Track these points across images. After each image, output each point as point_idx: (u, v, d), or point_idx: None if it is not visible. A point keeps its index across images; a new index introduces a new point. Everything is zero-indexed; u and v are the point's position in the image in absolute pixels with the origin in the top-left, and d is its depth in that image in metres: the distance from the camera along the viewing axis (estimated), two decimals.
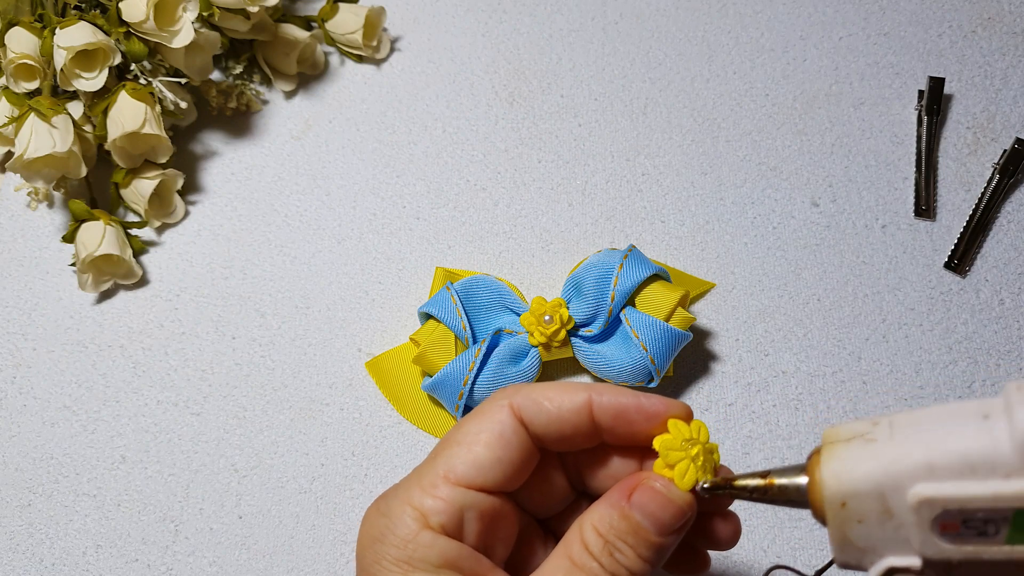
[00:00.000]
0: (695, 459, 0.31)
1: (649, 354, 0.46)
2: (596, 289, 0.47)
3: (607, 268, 0.47)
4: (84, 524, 0.49)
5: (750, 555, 0.47)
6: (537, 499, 0.35)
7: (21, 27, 0.51)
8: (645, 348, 0.46)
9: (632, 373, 0.47)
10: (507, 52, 0.59)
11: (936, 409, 0.26)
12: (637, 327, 0.46)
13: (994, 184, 0.54)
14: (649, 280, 0.47)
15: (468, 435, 0.32)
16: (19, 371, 0.52)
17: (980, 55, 0.58)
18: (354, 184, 0.56)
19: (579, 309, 0.47)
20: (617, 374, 0.47)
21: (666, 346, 0.46)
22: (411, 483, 0.32)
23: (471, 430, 0.32)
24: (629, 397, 0.32)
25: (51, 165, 0.50)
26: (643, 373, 0.47)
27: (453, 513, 0.31)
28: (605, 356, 0.47)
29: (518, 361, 0.48)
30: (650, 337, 0.46)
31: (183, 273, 0.54)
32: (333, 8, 0.58)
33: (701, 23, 0.60)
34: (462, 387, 0.47)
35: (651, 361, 0.46)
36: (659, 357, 0.46)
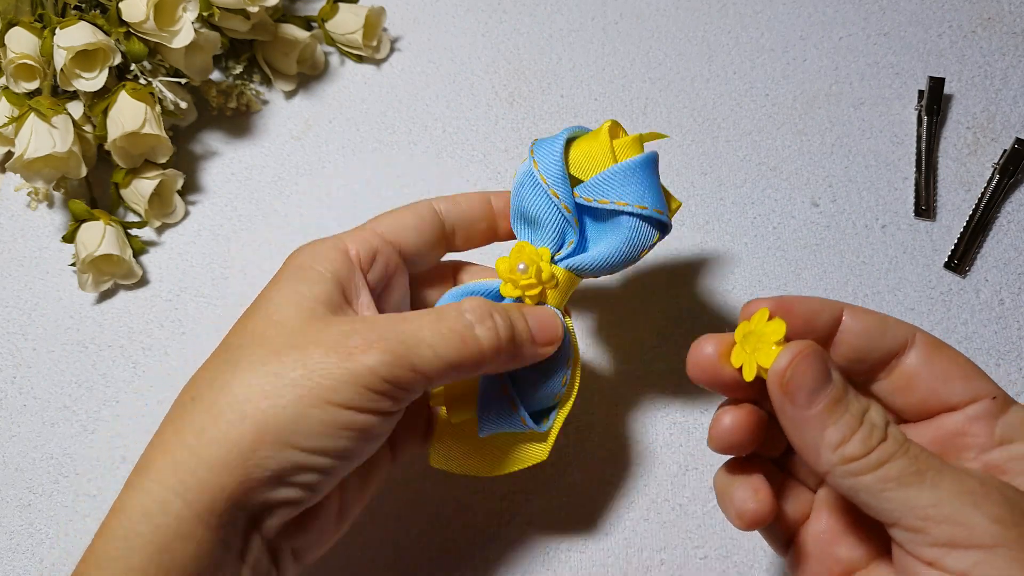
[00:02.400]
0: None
1: (634, 205, 0.37)
2: (538, 206, 0.39)
3: (529, 180, 0.39)
4: (84, 524, 0.49)
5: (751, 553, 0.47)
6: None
7: (21, 27, 0.51)
8: (624, 204, 0.37)
9: (638, 239, 0.38)
10: (507, 52, 0.59)
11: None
12: (600, 193, 0.38)
13: (994, 184, 0.54)
14: (567, 148, 0.39)
15: (395, 211, 0.40)
16: (19, 371, 0.52)
17: (980, 55, 0.58)
18: (354, 184, 0.56)
19: (543, 238, 0.39)
20: (629, 253, 0.38)
21: (640, 183, 0.38)
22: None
23: (399, 210, 0.40)
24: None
25: (51, 165, 0.50)
26: (646, 232, 0.38)
27: (368, 250, 0.37)
28: (602, 255, 0.38)
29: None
30: (619, 189, 0.37)
31: (183, 273, 0.54)
32: (333, 8, 0.58)
33: (701, 23, 0.60)
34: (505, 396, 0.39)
35: (640, 208, 0.37)
36: (648, 198, 0.37)
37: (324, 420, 0.32)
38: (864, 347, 0.34)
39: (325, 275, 0.36)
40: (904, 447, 0.30)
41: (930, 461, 0.30)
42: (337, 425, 0.32)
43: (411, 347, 0.33)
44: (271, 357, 0.33)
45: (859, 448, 0.30)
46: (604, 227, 0.39)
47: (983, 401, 0.32)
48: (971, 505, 0.28)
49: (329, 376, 0.32)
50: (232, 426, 0.32)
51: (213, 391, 0.33)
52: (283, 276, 0.36)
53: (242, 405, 0.32)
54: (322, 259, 0.36)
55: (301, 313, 0.34)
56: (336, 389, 0.32)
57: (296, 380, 0.32)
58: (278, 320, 0.34)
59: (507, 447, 0.41)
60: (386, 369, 0.32)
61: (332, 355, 0.32)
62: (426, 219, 0.40)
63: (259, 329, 0.34)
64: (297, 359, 0.32)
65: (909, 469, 0.29)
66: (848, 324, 0.34)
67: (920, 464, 0.29)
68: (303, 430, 0.32)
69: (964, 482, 0.29)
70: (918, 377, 0.33)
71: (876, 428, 0.30)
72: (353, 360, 0.32)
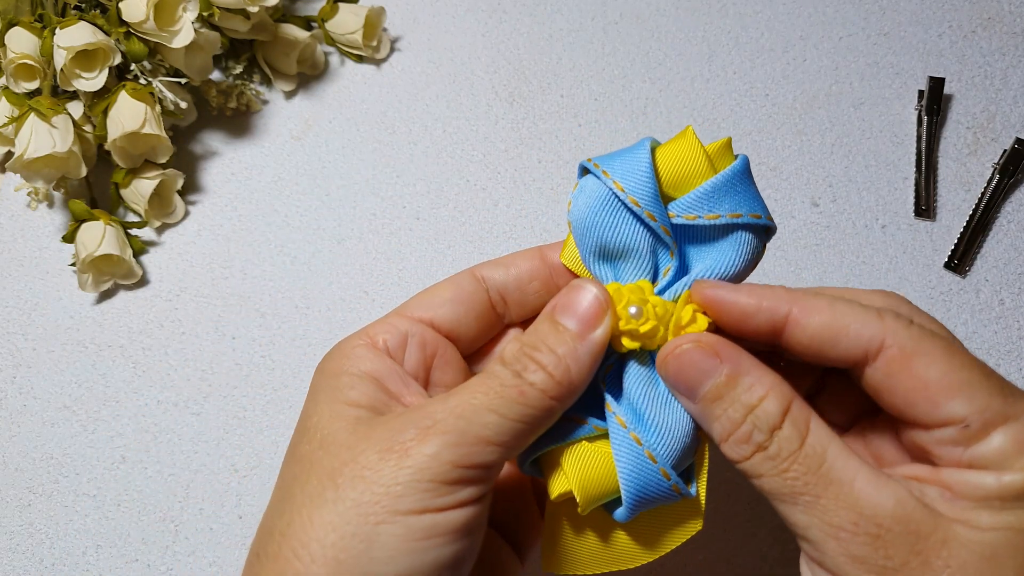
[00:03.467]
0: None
1: (748, 215, 0.33)
2: (626, 235, 0.33)
3: (607, 206, 0.33)
4: (84, 524, 0.49)
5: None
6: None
7: (21, 27, 0.51)
8: (738, 216, 0.32)
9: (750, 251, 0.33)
10: (507, 52, 0.59)
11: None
12: (706, 207, 0.33)
13: (994, 184, 0.54)
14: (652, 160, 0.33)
15: (432, 287, 0.36)
16: (19, 371, 0.52)
17: (980, 55, 0.58)
18: (354, 184, 0.56)
19: (637, 270, 0.34)
20: (743, 269, 0.33)
21: (747, 189, 0.33)
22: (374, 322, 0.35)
23: (435, 285, 0.36)
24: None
25: (51, 165, 0.50)
26: (755, 243, 0.33)
27: (397, 335, 0.34)
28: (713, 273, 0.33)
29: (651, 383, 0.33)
30: (730, 199, 0.33)
31: (183, 273, 0.54)
32: (333, 8, 0.58)
33: (701, 23, 0.60)
34: (657, 470, 0.32)
35: (754, 218, 0.33)
36: (755, 205, 0.33)
37: (400, 535, 0.28)
38: (811, 353, 0.30)
39: (360, 376, 0.32)
40: (786, 462, 0.29)
41: (811, 484, 0.28)
42: (417, 536, 0.28)
43: (471, 420, 0.29)
44: (327, 483, 0.29)
45: (734, 452, 0.30)
46: (704, 248, 0.34)
47: (952, 428, 0.28)
48: (833, 539, 0.28)
49: (392, 482, 0.28)
50: (302, 575, 0.28)
51: (275, 540, 0.29)
52: (317, 390, 0.33)
53: (309, 547, 0.28)
54: (351, 359, 0.33)
55: (346, 425, 0.30)
56: (403, 495, 0.28)
57: (358, 499, 0.28)
58: (323, 438, 0.30)
59: (647, 529, 0.35)
60: (451, 452, 0.28)
61: (389, 458, 0.28)
62: (465, 289, 0.35)
63: (307, 454, 0.30)
64: (354, 475, 0.28)
65: (782, 490, 0.29)
66: (794, 328, 0.30)
67: (797, 487, 0.28)
68: (381, 556, 0.27)
69: (837, 514, 0.28)
70: (880, 392, 0.30)
71: (758, 430, 0.29)
72: (412, 455, 0.28)
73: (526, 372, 0.30)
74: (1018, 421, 0.28)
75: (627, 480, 0.32)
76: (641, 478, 0.32)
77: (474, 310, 0.35)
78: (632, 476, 0.32)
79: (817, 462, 0.28)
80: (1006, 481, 0.27)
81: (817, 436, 0.29)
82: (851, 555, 0.28)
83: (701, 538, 0.46)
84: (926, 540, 0.27)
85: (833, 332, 0.30)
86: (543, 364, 0.30)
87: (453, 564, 0.29)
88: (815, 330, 0.30)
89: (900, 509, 0.28)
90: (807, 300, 0.30)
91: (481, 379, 0.30)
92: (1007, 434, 0.28)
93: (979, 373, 0.29)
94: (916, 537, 0.27)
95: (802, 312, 0.30)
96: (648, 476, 0.32)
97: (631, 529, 0.34)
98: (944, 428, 0.29)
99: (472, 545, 0.30)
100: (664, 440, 0.32)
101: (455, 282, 0.35)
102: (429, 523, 0.28)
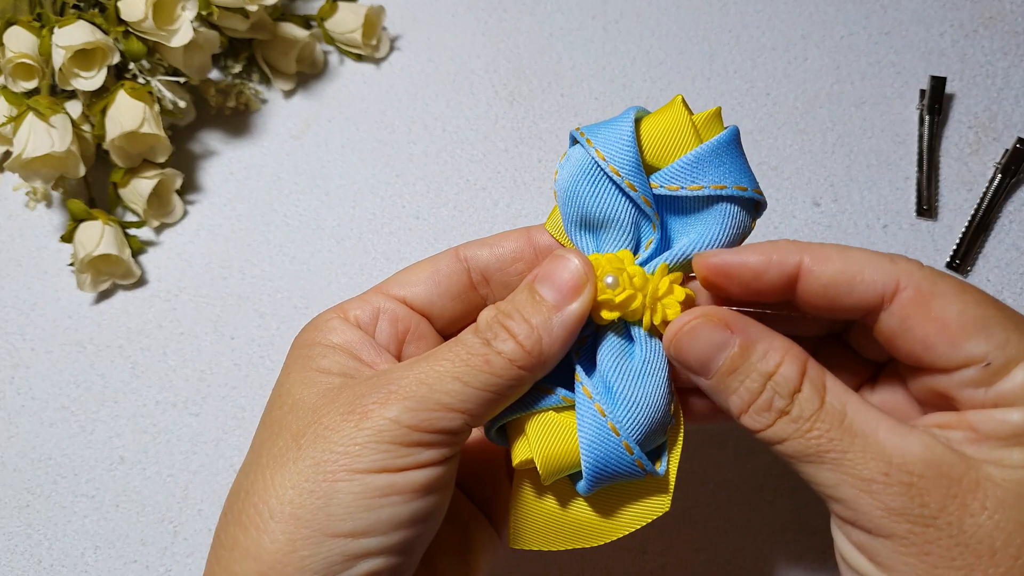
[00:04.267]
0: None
1: (733, 187, 0.32)
2: (607, 204, 0.33)
3: (589, 175, 0.33)
4: (82, 525, 0.48)
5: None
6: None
7: (20, 26, 0.50)
8: (722, 187, 0.32)
9: (736, 225, 0.32)
10: (507, 51, 0.59)
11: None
12: (689, 178, 0.32)
13: (996, 183, 0.54)
14: (636, 130, 0.33)
15: (410, 266, 0.36)
16: (17, 371, 0.52)
17: (982, 54, 0.58)
18: (353, 183, 0.56)
19: (618, 240, 0.33)
20: (729, 243, 0.32)
21: (734, 161, 0.32)
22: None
23: (414, 264, 0.36)
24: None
25: (49, 164, 0.50)
26: (743, 217, 0.33)
27: (370, 311, 0.34)
28: (695, 246, 0.32)
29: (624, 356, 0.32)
30: (714, 171, 0.32)
31: (182, 273, 0.54)
32: (332, 7, 0.58)
33: (702, 22, 0.59)
34: (620, 443, 0.31)
35: (739, 190, 0.32)
36: (741, 177, 0.32)
37: (356, 492, 0.28)
38: (826, 303, 0.30)
39: (332, 347, 0.33)
40: (808, 422, 0.28)
41: (836, 439, 0.28)
42: (373, 494, 0.28)
43: (434, 385, 0.29)
44: (291, 443, 0.29)
45: (755, 422, 0.29)
46: (688, 220, 0.33)
47: (973, 368, 0.28)
48: (866, 493, 0.27)
49: (351, 442, 0.28)
50: (261, 531, 0.28)
51: (240, 499, 0.30)
52: (291, 360, 0.33)
53: (268, 504, 0.28)
54: (324, 331, 0.33)
55: (317, 390, 0.31)
56: (360, 455, 0.28)
57: (317, 458, 0.28)
58: (293, 404, 0.31)
59: (611, 505, 0.34)
60: (410, 416, 0.29)
61: (350, 419, 0.29)
62: (443, 268, 0.35)
63: (277, 419, 0.31)
64: (316, 435, 0.29)
65: (806, 451, 0.28)
66: (807, 277, 0.30)
67: (822, 444, 0.28)
68: (337, 512, 0.28)
69: (867, 468, 0.27)
70: (896, 338, 0.29)
71: (778, 396, 0.29)
72: (372, 417, 0.29)
73: (496, 340, 0.30)
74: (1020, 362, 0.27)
75: (587, 450, 0.31)
76: (602, 449, 0.31)
77: (451, 290, 0.35)
78: (593, 447, 0.31)
79: (839, 418, 0.28)
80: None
81: (835, 393, 0.29)
82: (887, 507, 0.27)
83: (702, 538, 0.46)
84: (959, 483, 0.27)
85: (847, 278, 0.29)
86: (514, 333, 0.30)
87: (412, 521, 0.29)
88: (829, 277, 0.29)
89: (929, 454, 0.27)
90: (818, 249, 0.30)
91: (449, 346, 0.31)
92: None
93: (995, 309, 0.28)
94: (950, 481, 0.27)
95: (814, 260, 0.30)
96: (609, 448, 0.31)
97: (595, 505, 0.34)
98: (965, 369, 0.28)
99: (433, 504, 0.30)
100: (630, 414, 0.31)
101: (434, 261, 0.36)
102: (386, 482, 0.28)
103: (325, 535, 0.28)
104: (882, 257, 0.29)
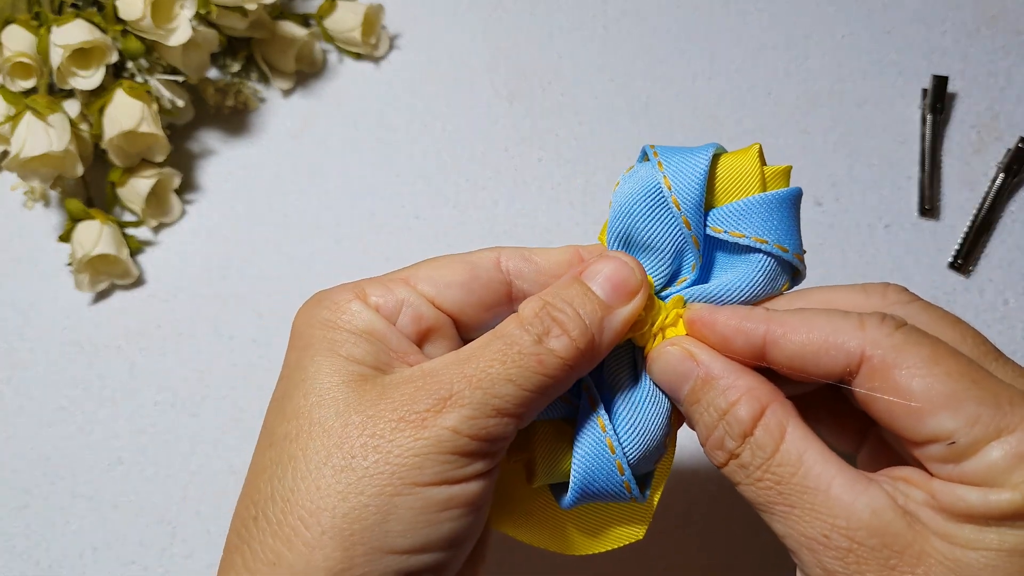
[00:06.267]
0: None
1: (774, 245, 0.32)
2: (657, 232, 0.32)
3: (650, 199, 0.32)
4: (80, 526, 0.48)
5: None
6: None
7: (18, 25, 0.50)
8: (763, 241, 0.32)
9: (766, 283, 0.32)
10: (507, 50, 0.59)
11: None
12: (735, 223, 0.32)
13: (998, 183, 0.54)
14: (713, 164, 0.32)
15: (442, 258, 0.32)
16: (15, 372, 0.51)
17: (984, 53, 0.58)
18: (352, 183, 0.55)
19: (654, 267, 0.33)
20: (752, 294, 0.32)
21: (783, 220, 0.32)
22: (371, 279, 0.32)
23: (449, 258, 0.32)
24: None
25: (47, 164, 0.50)
26: (776, 277, 0.32)
27: (393, 302, 0.31)
28: (724, 288, 0.32)
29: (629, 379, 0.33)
30: (760, 223, 0.32)
31: (180, 273, 0.54)
32: (331, 5, 0.58)
33: (703, 21, 0.59)
34: (613, 461, 0.31)
35: (780, 250, 0.32)
36: (785, 237, 0.32)
37: (417, 507, 0.27)
38: (795, 372, 0.29)
39: (357, 334, 0.30)
40: (759, 471, 0.28)
41: (785, 493, 0.27)
42: (434, 508, 0.27)
43: (488, 390, 0.28)
44: (334, 450, 0.27)
45: (714, 457, 0.29)
46: (730, 259, 0.33)
47: (938, 444, 0.26)
48: (807, 550, 0.27)
49: (409, 453, 0.27)
50: (312, 547, 0.26)
51: (278, 505, 0.27)
52: (309, 340, 0.30)
53: (317, 517, 0.26)
54: (346, 314, 0.31)
55: (348, 381, 0.29)
56: (420, 467, 0.27)
57: (373, 469, 0.27)
58: (322, 395, 0.29)
59: (589, 522, 0.34)
60: (469, 425, 0.27)
61: (404, 428, 0.27)
62: (482, 276, 0.32)
63: (305, 411, 0.29)
64: (365, 444, 0.27)
65: (757, 498, 0.28)
66: (773, 349, 0.29)
67: (771, 496, 0.28)
68: (397, 528, 0.26)
69: (811, 525, 0.27)
70: (866, 404, 0.28)
71: (729, 437, 0.28)
72: (430, 427, 0.27)
73: (548, 337, 0.28)
74: (1013, 434, 0.25)
75: (580, 461, 0.31)
76: (594, 464, 0.31)
77: (486, 300, 0.32)
78: (586, 459, 0.31)
79: (791, 470, 0.27)
80: (993, 500, 0.25)
81: (793, 442, 0.28)
82: (824, 567, 0.27)
83: (703, 539, 0.46)
84: (900, 555, 0.26)
85: (813, 350, 0.28)
86: (567, 328, 0.29)
87: (465, 537, 0.28)
88: (794, 350, 0.29)
89: (875, 520, 0.26)
90: (782, 320, 0.29)
91: (497, 342, 0.29)
92: (1001, 448, 0.25)
93: (968, 381, 0.26)
94: (890, 552, 0.26)
95: (779, 331, 0.29)
96: (601, 464, 0.31)
97: (574, 517, 0.34)
98: (931, 444, 0.27)
99: (481, 518, 0.29)
100: (629, 435, 0.31)
101: (472, 264, 0.32)
102: (447, 495, 0.27)
103: (383, 552, 0.26)
104: (849, 322, 0.28)
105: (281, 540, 0.27)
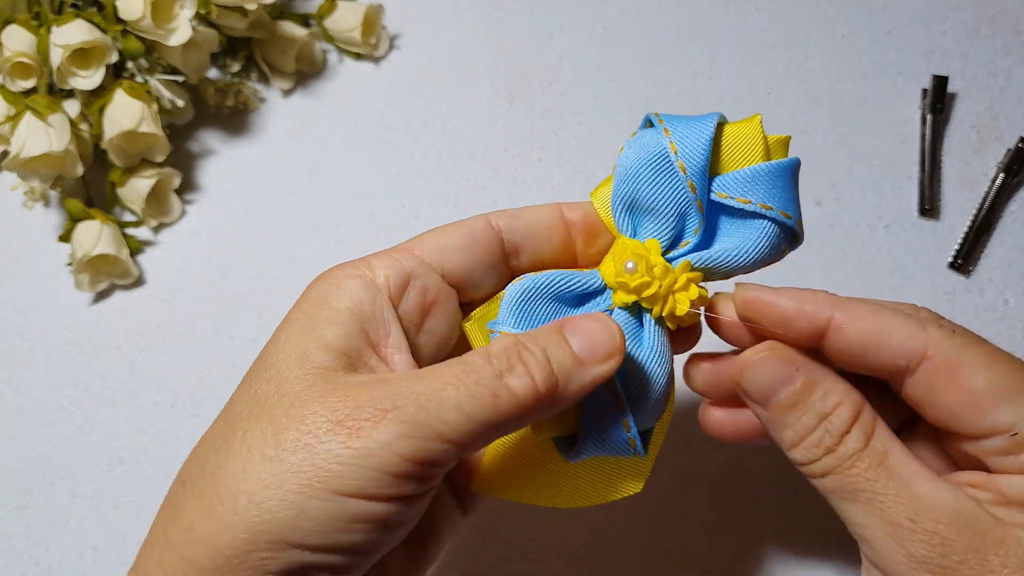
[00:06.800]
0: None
1: (778, 211, 0.32)
2: (662, 196, 0.33)
3: (655, 163, 0.33)
4: (80, 527, 0.48)
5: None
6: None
7: (17, 25, 0.50)
8: (768, 208, 0.32)
9: (769, 247, 0.33)
10: (507, 49, 0.59)
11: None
12: (743, 190, 0.32)
13: (998, 183, 0.54)
14: (717, 132, 0.33)
15: (440, 228, 0.34)
16: (15, 372, 0.51)
17: (984, 53, 0.58)
18: (352, 183, 0.55)
19: (658, 230, 0.33)
20: (756, 258, 0.33)
21: (786, 188, 0.33)
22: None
23: (446, 226, 0.34)
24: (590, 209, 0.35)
25: (47, 164, 0.50)
26: (778, 243, 0.33)
27: (400, 274, 0.32)
28: (728, 252, 0.33)
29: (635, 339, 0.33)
30: (765, 190, 0.32)
31: (180, 273, 0.53)
32: (331, 5, 0.58)
33: (703, 21, 0.59)
34: (617, 412, 0.32)
35: (783, 216, 0.32)
36: (788, 204, 0.33)
37: (331, 513, 0.27)
38: (852, 361, 0.30)
39: (342, 312, 0.30)
40: (850, 459, 0.29)
41: (872, 480, 0.29)
42: (347, 518, 0.27)
43: (433, 412, 0.27)
44: (269, 436, 0.28)
45: (803, 455, 0.31)
46: (733, 224, 0.33)
47: (1001, 437, 0.28)
48: (892, 539, 0.28)
49: (335, 459, 0.27)
50: (223, 524, 0.27)
51: (205, 477, 0.28)
52: (293, 318, 0.31)
53: (235, 497, 0.27)
54: (340, 290, 0.31)
55: (307, 371, 0.29)
56: (344, 476, 0.26)
57: (297, 466, 0.27)
58: (280, 381, 0.29)
59: (587, 475, 0.35)
60: (405, 444, 0.27)
61: (339, 432, 0.27)
62: (478, 236, 0.33)
63: (261, 395, 0.29)
64: (298, 439, 0.27)
65: (844, 487, 0.30)
66: (836, 334, 0.30)
67: (859, 482, 0.29)
68: (306, 527, 0.27)
69: (896, 511, 0.28)
70: (923, 404, 0.30)
71: (828, 435, 0.30)
72: (363, 437, 0.27)
73: (510, 373, 0.28)
74: None
75: (590, 418, 0.32)
76: (604, 420, 0.32)
77: (487, 259, 0.34)
78: (596, 416, 0.32)
79: (878, 459, 0.29)
80: None
81: (881, 438, 0.30)
82: (909, 553, 0.28)
83: (704, 540, 0.46)
84: (984, 539, 0.27)
85: (876, 340, 0.30)
86: (532, 369, 0.28)
87: (375, 548, 0.28)
88: (857, 337, 0.30)
89: (959, 506, 0.28)
90: (850, 306, 0.30)
91: (456, 367, 0.28)
92: None
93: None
94: (974, 535, 0.27)
95: (845, 318, 0.30)
96: (611, 420, 0.32)
97: (572, 469, 0.35)
98: (992, 438, 0.29)
99: (404, 532, 0.29)
100: (635, 394, 0.32)
101: (468, 228, 0.33)
102: (363, 509, 0.27)
103: (288, 545, 0.27)
104: (913, 322, 0.30)
105: (198, 511, 0.28)
